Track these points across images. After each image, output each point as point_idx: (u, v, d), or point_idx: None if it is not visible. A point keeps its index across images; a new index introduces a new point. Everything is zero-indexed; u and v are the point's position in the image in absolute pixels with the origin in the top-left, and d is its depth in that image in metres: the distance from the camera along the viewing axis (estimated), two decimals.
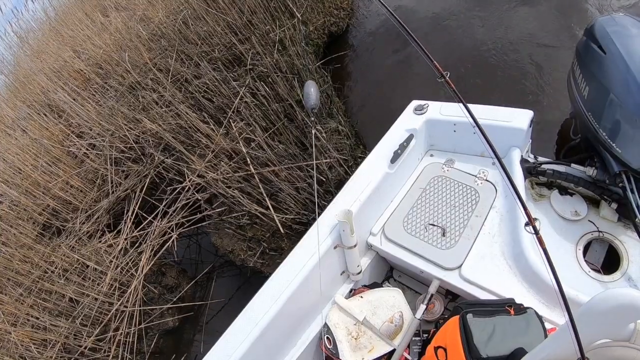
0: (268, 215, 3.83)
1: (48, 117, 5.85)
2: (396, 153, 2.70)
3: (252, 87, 4.62)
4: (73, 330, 3.80)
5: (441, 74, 1.87)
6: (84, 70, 6.45)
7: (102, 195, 4.88)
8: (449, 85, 1.87)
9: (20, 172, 5.22)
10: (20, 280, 4.17)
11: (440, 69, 1.88)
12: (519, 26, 4.73)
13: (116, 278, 4.02)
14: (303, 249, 2.42)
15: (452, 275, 2.30)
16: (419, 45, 1.92)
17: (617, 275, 2.14)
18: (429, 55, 1.92)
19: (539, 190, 2.58)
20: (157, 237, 4.21)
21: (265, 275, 2.56)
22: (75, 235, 4.51)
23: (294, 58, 4.81)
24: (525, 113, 2.57)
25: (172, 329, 4.08)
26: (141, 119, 4.75)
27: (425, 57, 1.93)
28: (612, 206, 2.29)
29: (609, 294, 1.07)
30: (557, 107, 3.78)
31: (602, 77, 2.23)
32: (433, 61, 1.90)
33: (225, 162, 4.17)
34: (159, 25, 6.02)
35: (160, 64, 5.55)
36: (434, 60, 1.91)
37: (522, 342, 1.65)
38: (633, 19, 2.35)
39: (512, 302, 1.86)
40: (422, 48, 1.93)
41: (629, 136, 2.09)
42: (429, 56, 1.92)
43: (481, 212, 2.50)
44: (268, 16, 5.35)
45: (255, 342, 2.14)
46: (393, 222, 2.66)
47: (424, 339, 2.29)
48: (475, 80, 4.45)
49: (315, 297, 2.44)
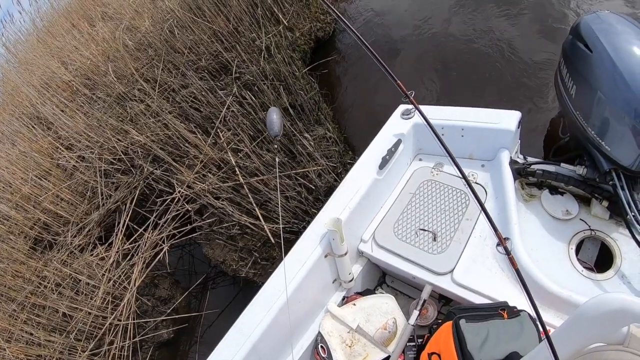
0: (258, 225, 3.81)
1: (37, 130, 5.81)
2: (384, 159, 2.68)
3: (239, 96, 4.61)
4: (67, 345, 3.77)
5: (405, 94, 1.86)
6: (71, 82, 6.42)
7: (92, 208, 4.84)
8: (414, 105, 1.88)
9: (10, 186, 5.18)
10: (13, 295, 4.13)
11: (404, 89, 1.86)
12: (505, 27, 4.75)
13: (109, 291, 3.98)
14: (293, 258, 2.39)
15: (445, 279, 2.28)
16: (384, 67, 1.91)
17: (610, 273, 2.13)
18: (393, 75, 1.90)
19: (529, 190, 2.57)
20: (149, 249, 4.18)
21: (258, 285, 2.54)
22: (67, 249, 4.47)
23: (280, 65, 4.80)
24: (513, 114, 2.56)
25: (167, 341, 4.04)
26: (129, 130, 4.73)
27: (390, 78, 1.91)
28: (603, 204, 2.28)
29: (601, 299, 1.05)
30: (545, 107, 3.79)
31: (589, 76, 2.22)
32: (397, 81, 1.89)
33: (213, 172, 4.15)
34: (145, 34, 6.00)
35: (147, 74, 5.52)
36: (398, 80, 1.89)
37: (516, 346, 1.63)
38: (618, 17, 2.34)
39: (505, 305, 1.85)
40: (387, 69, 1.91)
41: (618, 134, 2.09)
42: (393, 77, 1.90)
43: (472, 215, 2.49)
44: (254, 23, 5.35)
45: (249, 354, 2.11)
46: (383, 228, 2.64)
47: (419, 345, 2.27)
48: (462, 83, 4.46)
49: (308, 306, 2.42)
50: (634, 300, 1.00)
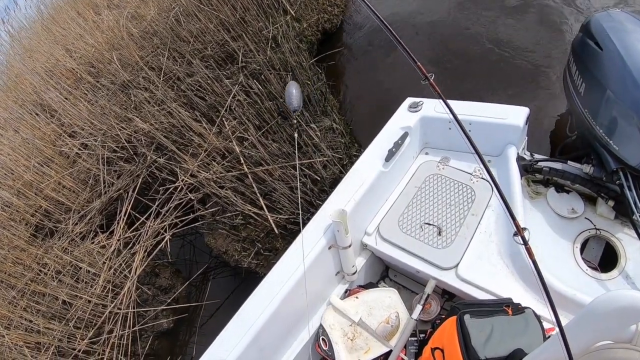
0: (262, 215, 3.80)
1: (40, 117, 5.79)
2: (391, 151, 2.67)
3: (245, 85, 4.58)
4: (67, 333, 3.76)
5: (425, 76, 1.84)
6: (75, 69, 6.39)
7: (94, 196, 4.82)
8: (433, 87, 1.84)
9: (12, 173, 5.17)
10: (13, 282, 4.13)
11: (424, 70, 1.84)
12: (514, 23, 4.72)
13: (109, 280, 3.98)
14: (297, 249, 2.38)
15: (449, 274, 2.28)
16: (404, 47, 1.89)
17: (614, 273, 2.12)
18: (413, 57, 1.88)
19: (536, 187, 2.56)
20: (151, 238, 4.17)
21: (260, 276, 2.54)
22: (68, 237, 4.46)
23: (287, 55, 4.77)
24: (521, 110, 2.54)
25: (166, 330, 4.04)
26: (133, 118, 4.71)
27: (410, 59, 1.89)
28: (609, 204, 2.27)
29: (610, 296, 1.04)
30: (553, 104, 3.76)
31: (599, 74, 2.20)
32: (417, 62, 1.87)
33: (218, 161, 4.13)
34: (150, 23, 5.97)
35: (153, 62, 5.50)
36: (418, 62, 1.87)
37: (521, 342, 1.62)
38: (629, 15, 2.32)
39: (509, 302, 1.84)
40: (407, 50, 1.89)
41: (626, 133, 2.07)
42: (413, 58, 1.88)
43: (477, 211, 2.48)
44: (261, 13, 5.31)
45: (250, 344, 2.11)
46: (388, 222, 2.63)
47: (421, 340, 2.27)
48: (470, 78, 4.43)
49: (310, 298, 2.41)
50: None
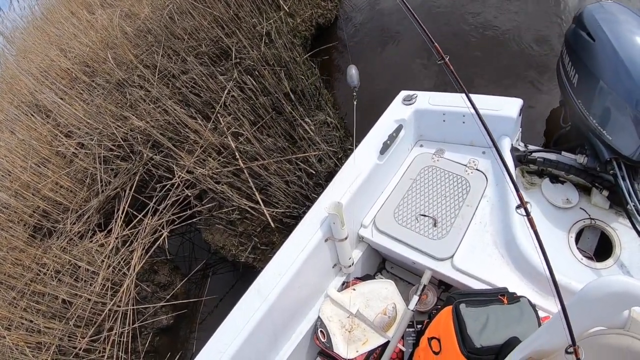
0: (258, 209, 3.81)
1: (36, 118, 5.78)
2: (385, 144, 2.68)
3: (239, 81, 4.59)
4: (67, 332, 3.77)
5: (441, 57, 1.82)
6: (70, 69, 6.38)
7: (92, 195, 4.83)
8: (449, 67, 1.79)
9: (9, 174, 5.17)
10: (13, 283, 4.13)
11: (440, 51, 1.82)
12: (508, 15, 4.72)
13: (108, 278, 3.99)
14: (293, 243, 2.40)
15: (445, 265, 2.29)
16: (422, 28, 1.86)
17: (609, 262, 2.14)
18: (430, 37, 1.85)
19: (530, 178, 2.57)
20: (148, 235, 4.18)
21: (257, 270, 2.55)
22: (67, 236, 4.46)
23: (281, 51, 4.78)
24: (515, 101, 2.55)
25: (166, 327, 4.05)
26: (129, 116, 4.71)
27: (427, 39, 1.86)
28: (603, 193, 2.29)
29: (602, 282, 1.05)
30: (546, 96, 3.78)
31: (592, 65, 2.21)
32: (434, 43, 1.85)
33: (214, 157, 4.14)
34: (145, 21, 5.96)
35: (147, 60, 5.49)
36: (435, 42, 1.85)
37: (516, 331, 1.63)
38: (621, 6, 2.33)
39: (505, 291, 1.85)
40: (425, 30, 1.87)
41: (619, 123, 2.08)
42: (430, 38, 1.85)
43: (472, 202, 2.49)
44: (255, 9, 5.32)
45: (248, 338, 2.12)
46: (384, 214, 2.64)
47: (418, 330, 2.28)
48: (463, 69, 4.42)
49: (308, 290, 2.43)
50: (636, 283, 0.99)
